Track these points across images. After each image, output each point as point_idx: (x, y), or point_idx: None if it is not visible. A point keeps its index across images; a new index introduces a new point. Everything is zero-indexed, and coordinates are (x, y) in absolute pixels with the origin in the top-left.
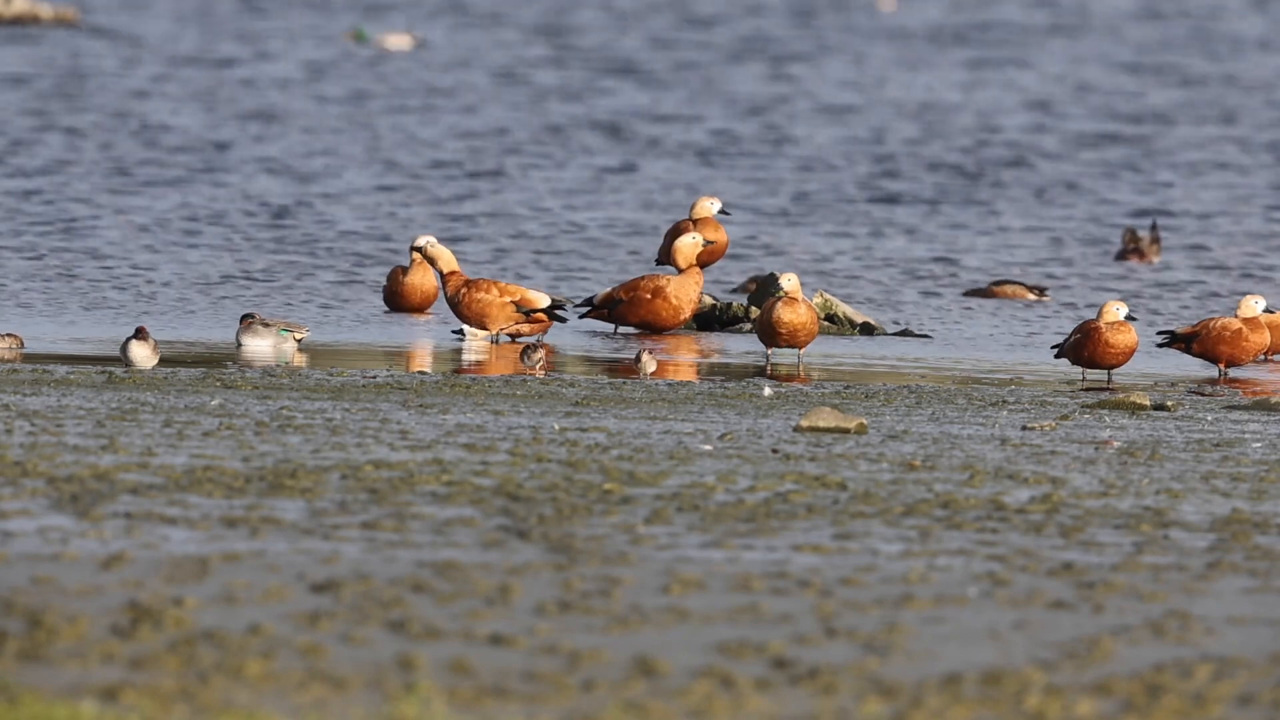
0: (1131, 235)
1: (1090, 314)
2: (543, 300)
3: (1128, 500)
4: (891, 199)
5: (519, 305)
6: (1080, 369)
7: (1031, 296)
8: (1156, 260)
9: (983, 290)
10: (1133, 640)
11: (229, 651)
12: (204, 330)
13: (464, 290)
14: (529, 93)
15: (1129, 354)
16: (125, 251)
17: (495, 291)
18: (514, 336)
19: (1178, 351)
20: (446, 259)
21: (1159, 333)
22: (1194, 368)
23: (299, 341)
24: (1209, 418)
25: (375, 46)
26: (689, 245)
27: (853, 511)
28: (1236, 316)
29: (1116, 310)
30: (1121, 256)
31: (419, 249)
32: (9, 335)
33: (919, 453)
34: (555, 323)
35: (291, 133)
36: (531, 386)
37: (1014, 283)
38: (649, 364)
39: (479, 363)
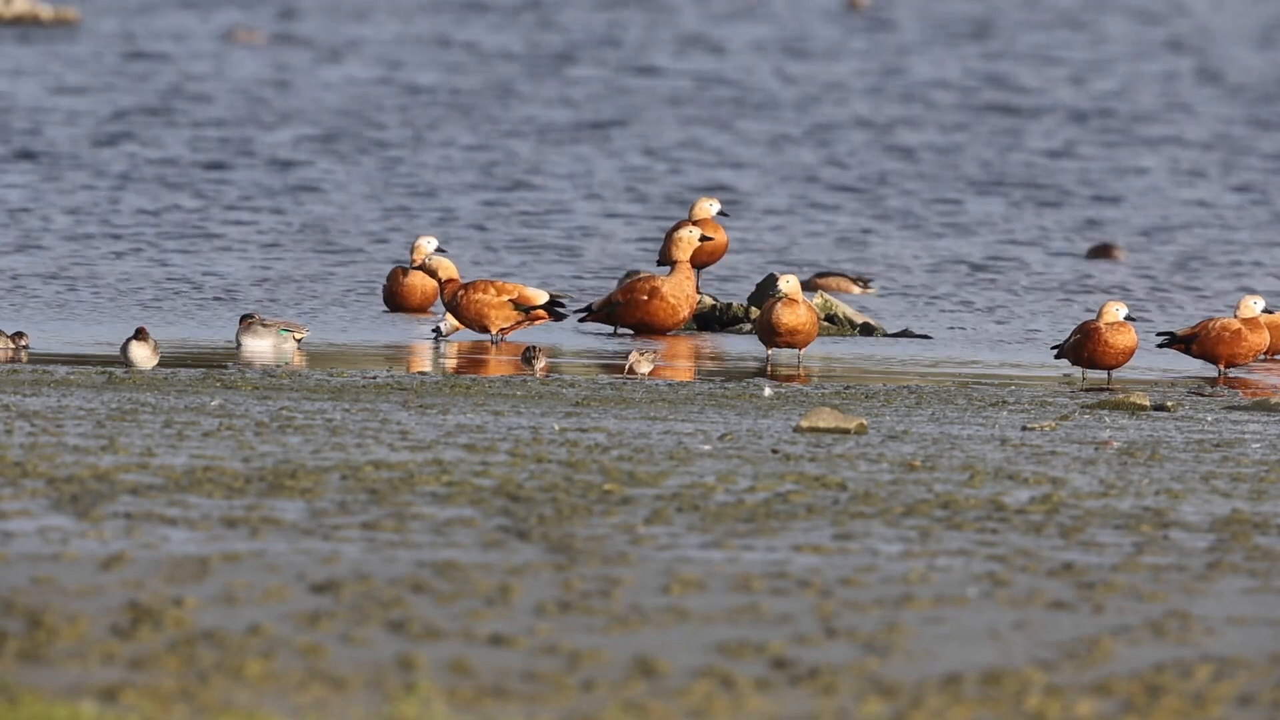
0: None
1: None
2: (541, 297)
3: (1128, 500)
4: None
5: (517, 303)
6: (1080, 369)
7: (856, 289)
8: (1123, 258)
9: (806, 282)
10: (1133, 640)
11: (229, 651)
12: (195, 330)
13: (461, 293)
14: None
15: (1129, 354)
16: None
17: (492, 291)
18: (497, 339)
19: (1177, 352)
20: (446, 267)
21: (1159, 334)
22: (1194, 368)
23: (299, 341)
24: (1209, 418)
25: (229, 40)
26: (688, 236)
27: (853, 512)
28: (1236, 317)
29: (1116, 311)
30: (1093, 256)
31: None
32: (17, 335)
33: (919, 453)
34: (554, 320)
35: (287, 130)
36: (531, 387)
37: (838, 274)
38: (641, 365)
39: (478, 363)
